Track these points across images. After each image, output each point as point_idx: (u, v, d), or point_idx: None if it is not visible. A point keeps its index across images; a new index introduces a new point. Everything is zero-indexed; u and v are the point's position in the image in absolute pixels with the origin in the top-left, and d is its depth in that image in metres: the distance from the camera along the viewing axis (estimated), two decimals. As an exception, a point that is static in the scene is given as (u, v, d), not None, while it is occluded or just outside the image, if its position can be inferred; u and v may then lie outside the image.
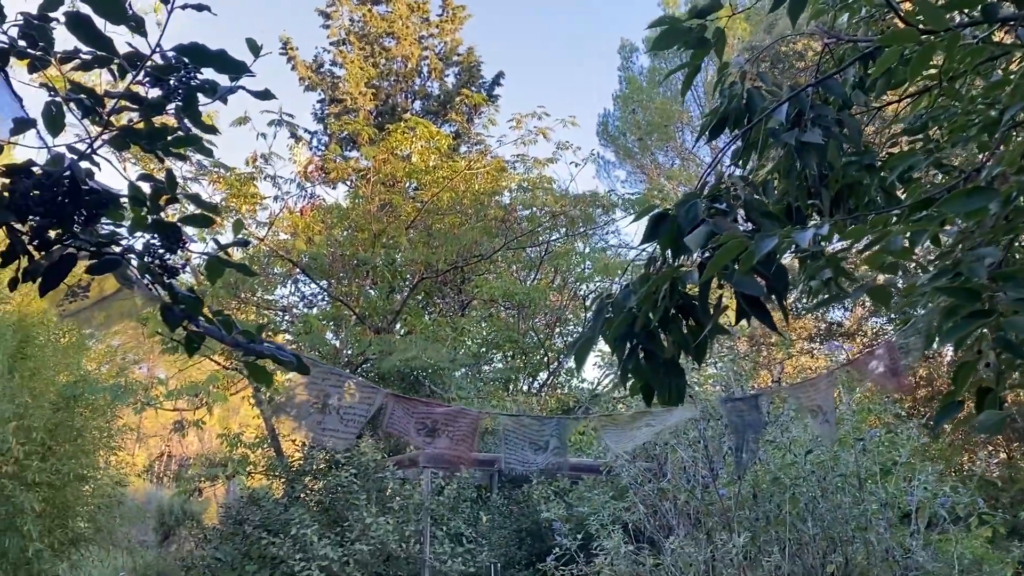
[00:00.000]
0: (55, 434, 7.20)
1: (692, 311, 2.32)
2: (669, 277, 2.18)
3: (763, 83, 3.04)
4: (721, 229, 2.15)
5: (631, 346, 2.32)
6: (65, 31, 1.91)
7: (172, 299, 1.79)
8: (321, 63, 18.49)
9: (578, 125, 13.41)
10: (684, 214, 2.25)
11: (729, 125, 3.00)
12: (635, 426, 4.66)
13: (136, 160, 10.09)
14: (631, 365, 2.33)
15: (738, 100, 2.94)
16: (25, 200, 1.72)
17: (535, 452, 4.73)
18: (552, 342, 15.22)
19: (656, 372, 2.31)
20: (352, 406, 4.14)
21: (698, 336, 2.33)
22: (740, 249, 1.85)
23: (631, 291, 2.31)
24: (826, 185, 2.73)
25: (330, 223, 12.66)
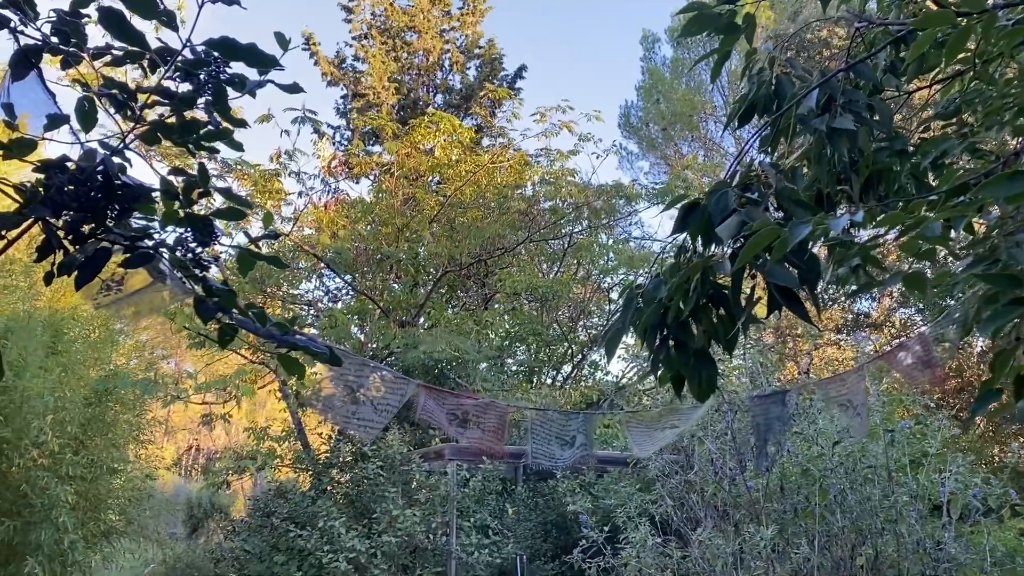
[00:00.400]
0: (87, 428, 7.30)
1: (723, 301, 2.30)
2: (701, 267, 2.16)
3: (792, 69, 3.00)
4: (753, 218, 2.12)
5: (662, 337, 2.31)
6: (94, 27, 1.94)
7: (206, 292, 1.80)
8: (343, 58, 18.54)
9: (603, 120, 13.36)
10: (715, 203, 2.22)
11: (757, 112, 2.97)
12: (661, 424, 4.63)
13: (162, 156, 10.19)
14: (662, 356, 2.32)
15: (766, 87, 2.91)
16: (60, 195, 1.73)
17: (561, 447, 4.72)
18: (575, 335, 15.20)
19: (687, 362, 2.30)
20: (384, 397, 4.16)
21: (729, 326, 2.31)
22: (773, 237, 1.83)
23: (661, 281, 2.29)
24: (856, 171, 2.69)
25: (354, 218, 12.71)
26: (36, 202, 1.73)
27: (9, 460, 6.42)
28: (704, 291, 2.21)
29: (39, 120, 1.86)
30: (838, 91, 2.61)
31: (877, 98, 2.76)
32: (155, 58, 1.78)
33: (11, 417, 6.37)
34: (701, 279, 2.17)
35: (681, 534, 6.03)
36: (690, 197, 2.38)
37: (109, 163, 1.75)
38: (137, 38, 1.74)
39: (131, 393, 8.17)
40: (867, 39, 3.10)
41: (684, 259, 2.43)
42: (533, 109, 13.51)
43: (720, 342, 2.34)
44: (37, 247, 1.75)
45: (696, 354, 2.28)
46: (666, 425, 4.65)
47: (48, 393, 6.51)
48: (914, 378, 4.91)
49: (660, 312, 2.26)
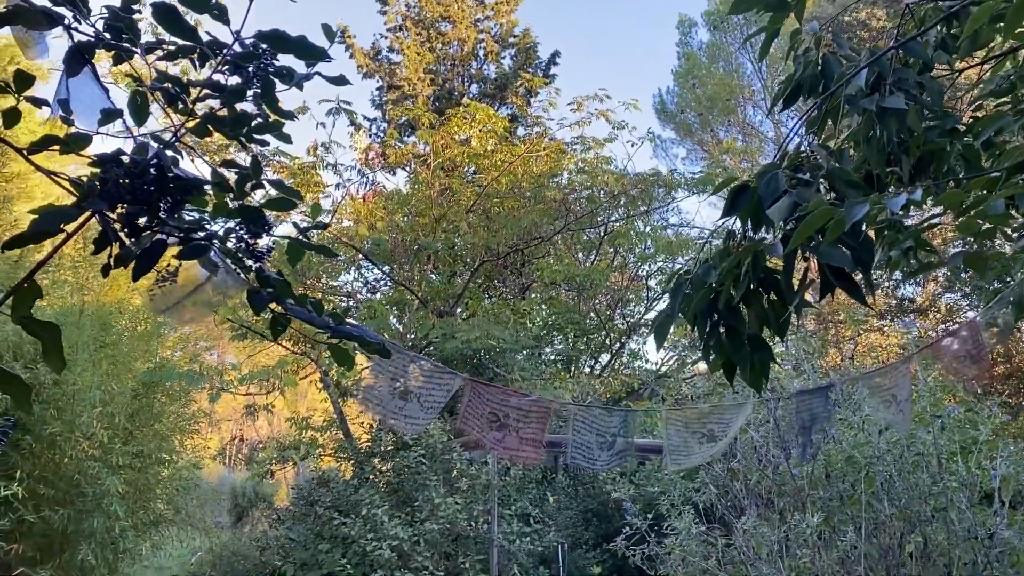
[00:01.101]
0: (135, 419, 7.45)
1: (774, 285, 2.27)
2: (752, 251, 2.13)
3: (839, 49, 2.94)
4: (804, 199, 2.08)
5: (712, 323, 2.28)
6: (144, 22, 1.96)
7: (260, 282, 1.82)
8: (378, 50, 18.61)
9: (640, 109, 13.24)
10: (765, 185, 2.18)
11: (804, 93, 2.92)
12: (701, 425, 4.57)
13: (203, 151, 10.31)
14: (712, 342, 2.29)
15: (813, 67, 2.86)
16: (116, 188, 1.76)
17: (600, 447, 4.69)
18: (613, 323, 15.15)
19: (738, 348, 2.27)
20: (431, 393, 4.16)
21: (780, 311, 2.28)
22: (828, 217, 1.79)
23: (711, 267, 2.26)
24: (906, 152, 2.63)
25: (391, 209, 12.78)
26: (93, 196, 1.76)
27: (62, 451, 6.59)
28: (755, 275, 2.17)
29: (93, 115, 1.89)
30: (888, 70, 2.55)
31: (927, 76, 2.70)
32: (207, 51, 1.80)
33: (63, 410, 6.52)
34: (752, 263, 2.13)
35: (725, 522, 5.98)
36: (738, 180, 2.34)
37: (163, 156, 1.77)
38: (190, 32, 1.76)
39: (177, 385, 8.32)
40: (917, 16, 3.03)
41: (733, 244, 2.40)
42: (568, 97, 13.48)
43: (772, 327, 2.31)
44: (94, 240, 1.78)
45: (749, 340, 2.25)
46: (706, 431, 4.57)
47: (97, 386, 6.66)
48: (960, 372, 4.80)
49: (710, 298, 2.23)
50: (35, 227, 1.73)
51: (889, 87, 2.51)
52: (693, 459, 4.68)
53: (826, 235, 1.83)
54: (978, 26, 2.18)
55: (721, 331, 2.27)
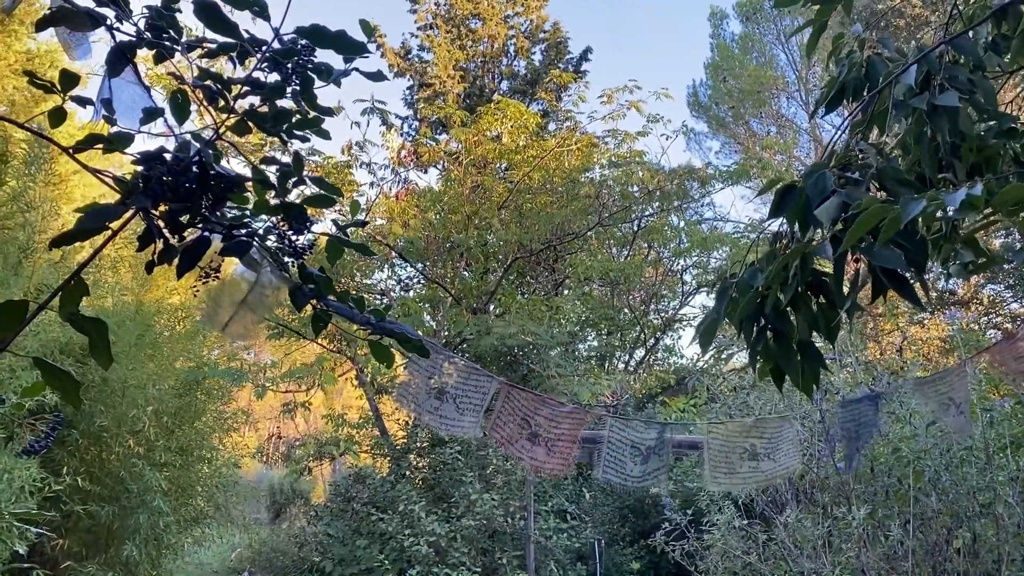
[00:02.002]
0: (177, 416, 7.56)
1: (823, 288, 2.21)
2: (800, 253, 2.08)
3: (885, 49, 2.87)
4: (854, 199, 2.02)
5: (759, 328, 2.24)
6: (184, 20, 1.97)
7: (302, 279, 1.83)
8: (409, 49, 18.67)
9: (671, 97, 13.10)
10: (812, 185, 2.11)
11: (848, 96, 2.85)
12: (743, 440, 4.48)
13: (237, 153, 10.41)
14: (760, 347, 2.24)
15: (857, 69, 2.79)
16: (159, 186, 1.77)
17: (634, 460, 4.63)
18: (647, 319, 15.06)
19: (787, 354, 2.22)
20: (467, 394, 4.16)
21: (830, 314, 2.22)
22: (881, 215, 1.73)
23: (758, 269, 2.22)
24: (959, 156, 2.55)
25: (424, 207, 12.81)
26: (136, 193, 1.78)
27: (108, 448, 6.71)
28: (803, 278, 2.12)
29: (135, 114, 1.91)
30: (937, 67, 2.48)
31: (979, 74, 2.62)
32: (247, 48, 1.80)
33: (111, 406, 6.64)
34: (800, 265, 2.09)
35: (765, 517, 5.92)
36: (784, 181, 2.30)
37: (205, 153, 1.78)
38: (232, 29, 1.77)
39: (216, 383, 8.43)
40: (965, 14, 2.94)
41: (780, 245, 2.35)
42: (599, 91, 13.37)
43: (821, 331, 2.26)
44: (138, 237, 1.80)
45: (799, 346, 2.20)
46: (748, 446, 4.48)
47: (143, 384, 6.77)
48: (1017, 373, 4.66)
49: (757, 302, 2.19)
50: (81, 225, 1.75)
51: (940, 84, 2.44)
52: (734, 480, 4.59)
53: (880, 234, 1.76)
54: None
55: (768, 336, 2.23)
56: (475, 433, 4.36)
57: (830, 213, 1.97)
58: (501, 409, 4.36)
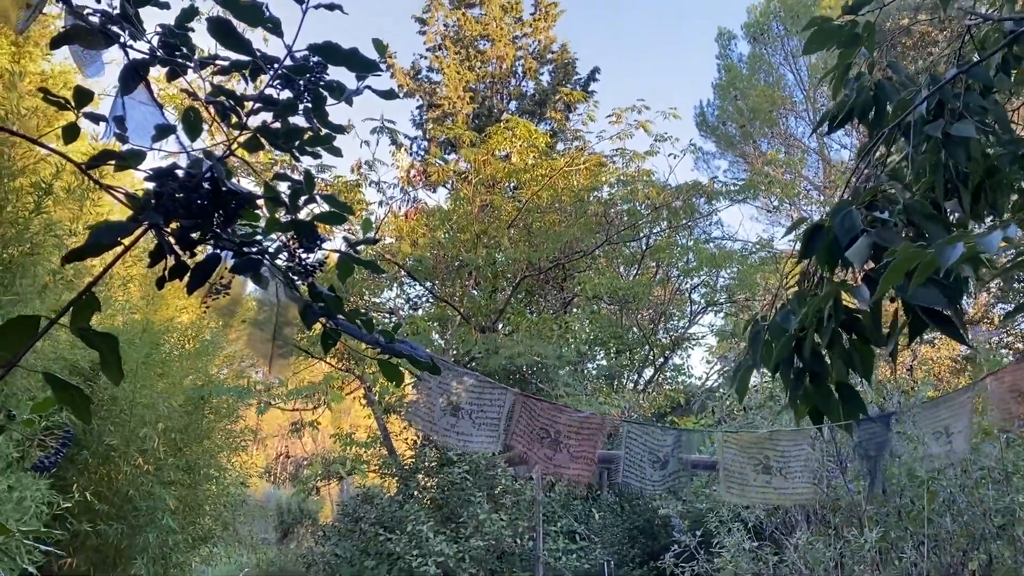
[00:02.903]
0: (185, 434, 7.55)
1: (856, 328, 2.19)
2: (833, 295, 2.06)
3: (896, 74, 2.87)
4: (885, 239, 2.00)
5: (796, 371, 2.22)
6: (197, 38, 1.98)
7: (312, 297, 1.82)
8: (418, 70, 18.79)
9: (679, 117, 13.21)
10: (840, 225, 2.08)
11: (855, 117, 2.85)
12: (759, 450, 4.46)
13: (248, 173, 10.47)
14: (800, 391, 2.23)
15: (867, 91, 2.79)
16: (171, 202, 1.78)
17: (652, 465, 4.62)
18: (656, 338, 15.02)
19: (826, 397, 2.20)
20: (483, 409, 4.15)
21: (866, 353, 2.20)
22: (915, 260, 1.70)
23: (790, 312, 2.20)
24: (965, 182, 2.53)
25: (433, 226, 12.85)
26: (148, 210, 1.78)
27: (116, 466, 6.70)
28: (837, 319, 2.11)
29: (148, 130, 1.92)
30: (950, 95, 2.47)
31: (991, 99, 2.61)
32: (260, 65, 1.81)
33: (119, 425, 6.64)
34: (834, 307, 2.07)
35: (775, 539, 5.86)
36: (811, 221, 2.29)
37: (217, 170, 1.78)
38: (245, 46, 1.78)
39: (224, 401, 8.42)
40: (976, 38, 2.94)
41: (808, 285, 2.34)
42: (608, 111, 13.44)
43: (857, 371, 2.23)
44: (149, 253, 1.80)
45: (839, 388, 2.18)
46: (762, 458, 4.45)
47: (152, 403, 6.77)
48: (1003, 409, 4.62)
49: (791, 345, 2.17)
50: (92, 240, 1.76)
51: (953, 112, 2.43)
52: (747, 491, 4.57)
53: (915, 277, 1.74)
54: None
55: (806, 378, 2.21)
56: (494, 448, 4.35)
57: (862, 254, 1.95)
58: (519, 419, 4.35)
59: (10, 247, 5.77)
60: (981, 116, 2.46)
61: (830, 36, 2.56)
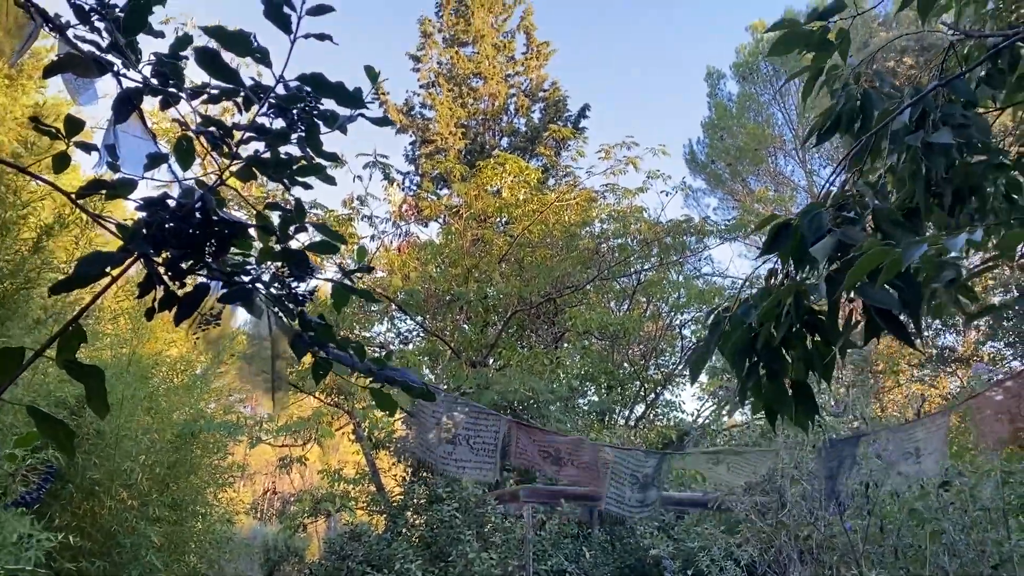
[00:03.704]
0: (172, 470, 7.44)
1: (817, 327, 2.19)
2: (793, 290, 2.07)
3: (882, 84, 2.90)
4: (850, 238, 2.02)
5: (751, 363, 2.21)
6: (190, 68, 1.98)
7: (302, 326, 1.80)
8: (411, 106, 18.95)
9: (668, 154, 13.33)
10: (808, 224, 2.12)
11: (841, 128, 2.87)
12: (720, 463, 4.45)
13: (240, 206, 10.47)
14: (751, 384, 2.22)
15: (853, 101, 2.82)
16: (160, 232, 1.76)
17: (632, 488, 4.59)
18: (647, 373, 14.97)
19: (780, 394, 2.19)
20: (479, 434, 4.13)
21: (825, 353, 2.20)
22: (881, 258, 1.72)
23: (751, 305, 2.20)
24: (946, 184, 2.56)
25: (424, 260, 12.85)
26: (138, 239, 1.76)
27: (100, 502, 6.58)
28: (798, 316, 2.11)
29: (140, 159, 1.91)
30: (932, 106, 2.51)
31: (972, 111, 2.65)
32: (249, 95, 1.81)
33: (104, 459, 6.54)
34: (794, 303, 2.07)
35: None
36: (779, 218, 2.29)
37: (208, 199, 1.77)
38: (234, 76, 1.78)
39: (212, 436, 8.32)
40: (960, 53, 2.98)
41: (773, 283, 2.34)
42: (598, 147, 13.56)
43: (816, 371, 2.23)
44: (138, 283, 1.78)
45: (794, 386, 2.17)
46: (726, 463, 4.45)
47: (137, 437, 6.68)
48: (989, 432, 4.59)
49: (748, 337, 2.17)
50: (79, 270, 1.73)
51: (934, 122, 2.46)
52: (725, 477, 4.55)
53: (880, 276, 1.76)
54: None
55: (761, 373, 2.20)
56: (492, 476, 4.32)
57: (825, 251, 1.96)
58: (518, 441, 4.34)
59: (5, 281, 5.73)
60: (962, 126, 2.49)
61: (798, 40, 2.57)
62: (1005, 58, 2.74)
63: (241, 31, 1.72)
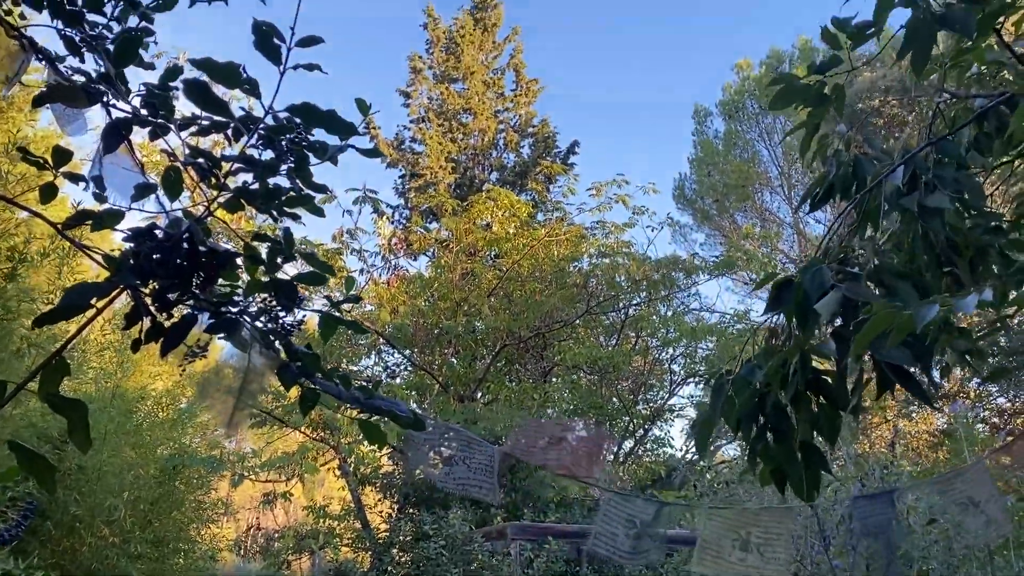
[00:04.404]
0: (156, 506, 7.34)
1: (823, 387, 2.16)
2: (800, 349, 2.04)
3: (870, 148, 2.93)
4: (855, 294, 2.00)
5: (758, 427, 2.18)
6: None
7: (289, 356, 1.78)
8: (402, 140, 19.06)
9: (658, 192, 13.44)
10: (810, 280, 2.08)
11: (836, 193, 2.88)
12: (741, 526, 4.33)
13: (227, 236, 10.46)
14: (760, 448, 2.18)
15: (845, 167, 2.83)
16: (147, 263, 1.75)
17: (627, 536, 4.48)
18: (636, 408, 14.91)
19: (788, 456, 2.15)
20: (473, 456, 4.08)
21: (831, 414, 2.16)
22: (891, 320, 1.69)
23: (756, 366, 2.17)
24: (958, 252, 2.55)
25: (413, 293, 12.83)
26: (124, 270, 1.75)
27: (82, 538, 6.47)
28: (803, 375, 2.08)
29: (128, 189, 1.90)
30: (923, 168, 2.52)
31: (964, 173, 2.66)
32: (239, 126, 1.81)
33: (86, 495, 6.44)
34: (800, 363, 2.05)
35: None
36: (781, 275, 2.28)
37: (195, 230, 1.76)
38: (223, 108, 1.78)
39: (196, 472, 8.22)
40: (947, 116, 3.02)
41: (776, 341, 2.31)
42: (588, 183, 13.70)
43: (822, 432, 2.19)
44: (125, 315, 1.76)
45: (802, 447, 2.13)
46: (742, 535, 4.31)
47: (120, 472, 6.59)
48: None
49: (755, 400, 2.14)
50: (64, 302, 1.72)
51: (928, 184, 2.47)
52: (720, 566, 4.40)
53: (891, 336, 1.72)
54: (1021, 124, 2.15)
55: (768, 437, 2.17)
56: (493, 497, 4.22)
57: (830, 308, 1.94)
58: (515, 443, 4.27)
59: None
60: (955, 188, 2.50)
61: (796, 94, 2.60)
62: (992, 121, 2.77)
63: (231, 63, 1.72)
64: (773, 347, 2.25)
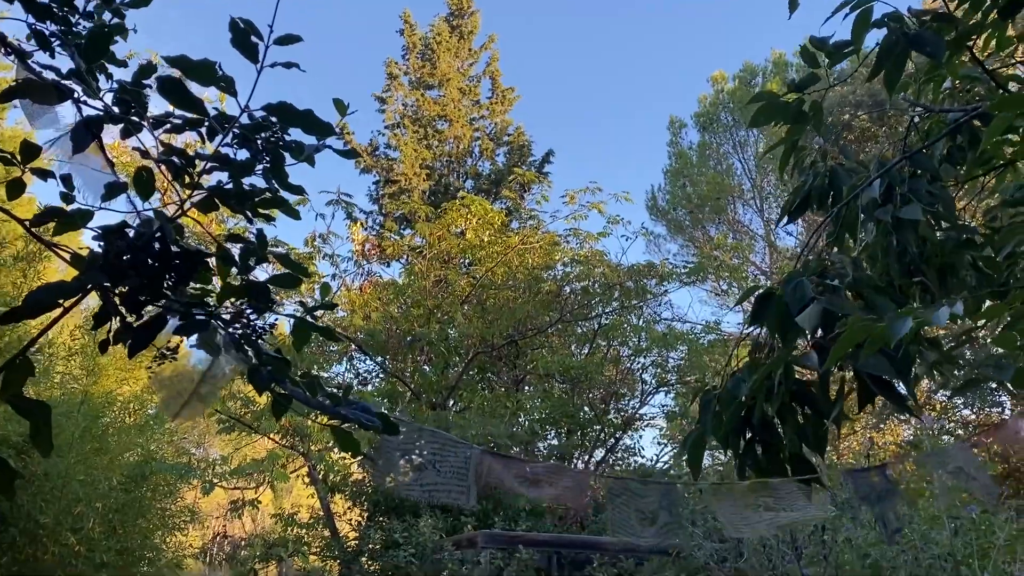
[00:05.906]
0: (121, 513, 7.20)
1: (807, 398, 2.18)
2: (783, 361, 2.06)
3: (845, 159, 2.96)
4: (835, 306, 2.03)
5: (746, 440, 2.19)
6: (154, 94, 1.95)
7: (259, 360, 1.75)
8: (376, 146, 19.00)
9: (632, 201, 13.49)
10: (791, 293, 2.11)
11: (813, 204, 2.91)
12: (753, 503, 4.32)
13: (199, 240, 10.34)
14: (749, 460, 2.19)
15: (822, 179, 2.86)
16: (118, 262, 1.71)
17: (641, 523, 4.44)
18: (608, 417, 14.92)
19: (778, 467, 2.17)
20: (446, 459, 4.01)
21: (817, 424, 2.18)
22: (867, 332, 1.71)
23: (740, 379, 2.18)
24: (927, 263, 2.59)
25: (386, 299, 12.76)
26: (93, 270, 1.71)
27: (45, 547, 6.33)
28: (788, 387, 2.10)
29: (98, 188, 1.86)
30: (898, 180, 2.56)
31: (938, 185, 2.70)
32: (214, 124, 1.78)
33: (51, 502, 6.31)
34: (784, 375, 2.06)
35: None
36: (762, 288, 2.30)
37: (167, 230, 1.73)
38: (197, 106, 1.75)
39: (163, 479, 8.09)
40: (921, 129, 3.07)
41: (760, 354, 2.33)
42: (562, 191, 13.73)
43: (809, 443, 2.21)
44: (94, 315, 1.72)
45: (792, 459, 2.15)
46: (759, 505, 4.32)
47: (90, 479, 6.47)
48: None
49: (742, 414, 2.15)
50: (30, 300, 1.67)
51: (902, 196, 2.50)
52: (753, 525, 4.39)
53: (865, 349, 1.75)
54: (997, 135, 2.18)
55: (757, 449, 2.18)
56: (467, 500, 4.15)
57: (812, 320, 1.97)
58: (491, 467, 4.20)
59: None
60: (928, 201, 2.53)
61: (776, 112, 2.63)
62: (965, 135, 2.81)
63: (206, 60, 1.69)
64: (757, 360, 2.27)
